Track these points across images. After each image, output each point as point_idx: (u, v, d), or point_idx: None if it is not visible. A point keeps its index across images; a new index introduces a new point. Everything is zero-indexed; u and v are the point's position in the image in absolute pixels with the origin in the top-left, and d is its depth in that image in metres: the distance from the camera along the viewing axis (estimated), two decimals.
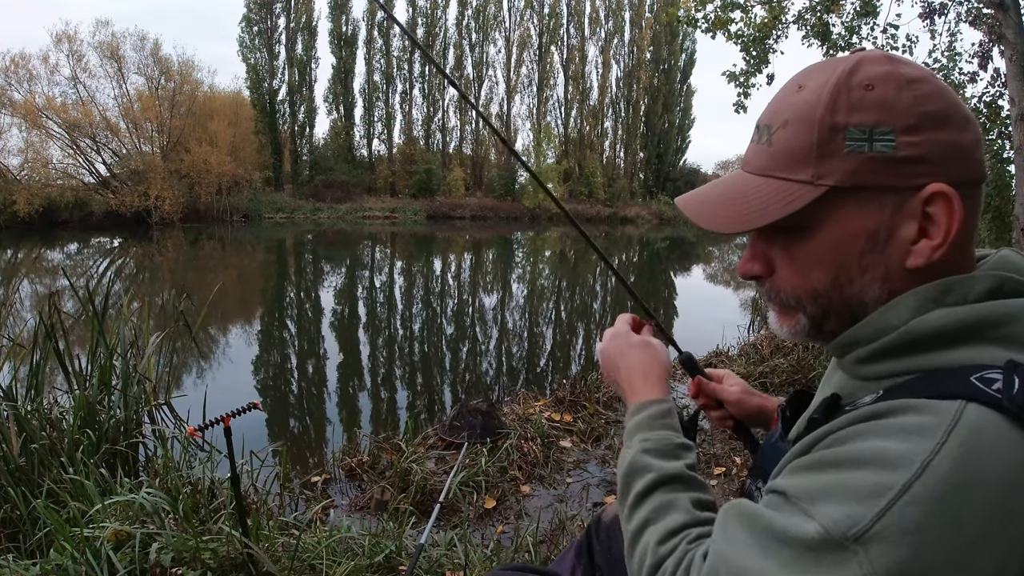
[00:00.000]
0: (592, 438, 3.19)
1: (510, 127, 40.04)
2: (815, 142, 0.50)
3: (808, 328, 0.58)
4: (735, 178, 0.58)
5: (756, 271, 0.58)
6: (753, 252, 0.59)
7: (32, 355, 2.65)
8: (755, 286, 0.62)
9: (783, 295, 0.57)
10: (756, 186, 0.55)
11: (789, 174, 0.52)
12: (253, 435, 3.24)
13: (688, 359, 1.01)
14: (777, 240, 0.56)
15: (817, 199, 0.51)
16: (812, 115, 0.51)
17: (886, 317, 0.51)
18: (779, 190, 0.53)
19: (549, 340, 7.33)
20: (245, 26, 33.88)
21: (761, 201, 0.54)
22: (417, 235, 25.45)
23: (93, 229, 22.60)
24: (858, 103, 0.49)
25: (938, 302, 0.49)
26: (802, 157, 0.51)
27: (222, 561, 1.69)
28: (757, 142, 0.57)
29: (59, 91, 25.38)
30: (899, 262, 0.51)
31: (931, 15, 5.72)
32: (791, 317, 0.59)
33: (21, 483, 2.04)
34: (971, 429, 0.41)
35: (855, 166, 0.49)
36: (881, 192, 0.49)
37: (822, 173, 0.50)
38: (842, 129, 0.49)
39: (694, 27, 6.34)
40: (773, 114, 0.55)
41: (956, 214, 0.48)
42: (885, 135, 0.48)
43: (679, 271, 15.57)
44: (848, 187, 0.50)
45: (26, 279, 11.54)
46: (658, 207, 37.56)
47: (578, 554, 1.03)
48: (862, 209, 0.50)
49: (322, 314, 8.79)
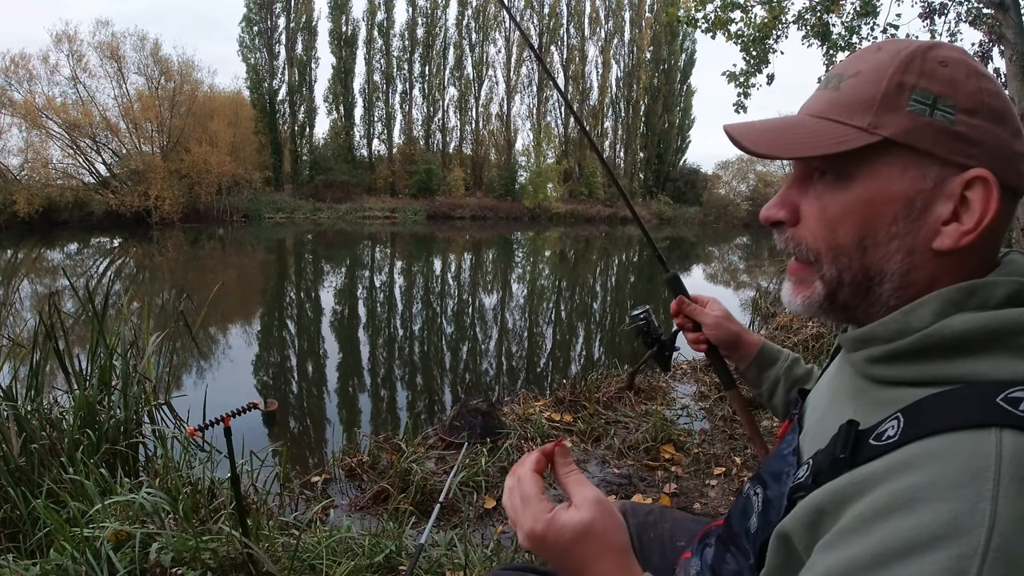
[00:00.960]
0: (592, 438, 3.19)
1: (510, 127, 40.08)
2: (880, 94, 0.51)
3: (822, 299, 0.56)
4: (789, 117, 0.58)
5: (781, 216, 0.57)
6: (783, 198, 0.58)
7: (32, 355, 2.65)
8: (775, 235, 0.60)
9: (803, 247, 0.56)
10: (811, 124, 0.55)
11: (846, 119, 0.52)
12: (253, 435, 3.24)
13: (674, 278, 1.07)
14: (811, 188, 0.56)
15: (867, 147, 0.51)
16: (884, 69, 0.52)
17: (908, 319, 0.50)
18: (833, 130, 0.53)
19: (549, 340, 7.33)
20: (245, 26, 33.92)
21: (812, 136, 0.53)
22: (417, 235, 25.45)
23: (93, 229, 22.60)
24: (930, 72, 0.51)
25: (959, 305, 0.48)
26: (863, 106, 0.52)
27: (222, 561, 1.69)
28: (823, 88, 0.57)
29: (59, 91, 25.41)
30: (926, 239, 0.50)
31: (931, 15, 5.72)
32: (806, 287, 0.57)
33: (21, 483, 2.04)
34: (1017, 461, 0.39)
35: (912, 125, 0.50)
36: (928, 160, 0.50)
37: (879, 124, 0.51)
38: (909, 88, 0.50)
39: (694, 27, 6.35)
40: (848, 66, 0.56)
41: (992, 204, 0.48)
42: (947, 107, 0.49)
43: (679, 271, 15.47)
44: (900, 143, 0.50)
45: (26, 279, 11.54)
46: (658, 207, 37.53)
47: None
48: (905, 172, 0.50)
49: (322, 314, 8.79)
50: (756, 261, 17.84)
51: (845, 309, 0.56)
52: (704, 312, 1.02)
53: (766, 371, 0.99)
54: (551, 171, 36.60)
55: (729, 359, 1.05)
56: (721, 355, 1.05)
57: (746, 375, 1.02)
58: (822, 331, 4.68)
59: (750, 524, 0.62)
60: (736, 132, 0.57)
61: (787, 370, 0.98)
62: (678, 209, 38.12)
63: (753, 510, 0.62)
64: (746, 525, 0.63)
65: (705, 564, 0.73)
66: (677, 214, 37.42)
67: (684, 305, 1.04)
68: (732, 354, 1.03)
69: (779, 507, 0.56)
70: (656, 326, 1.15)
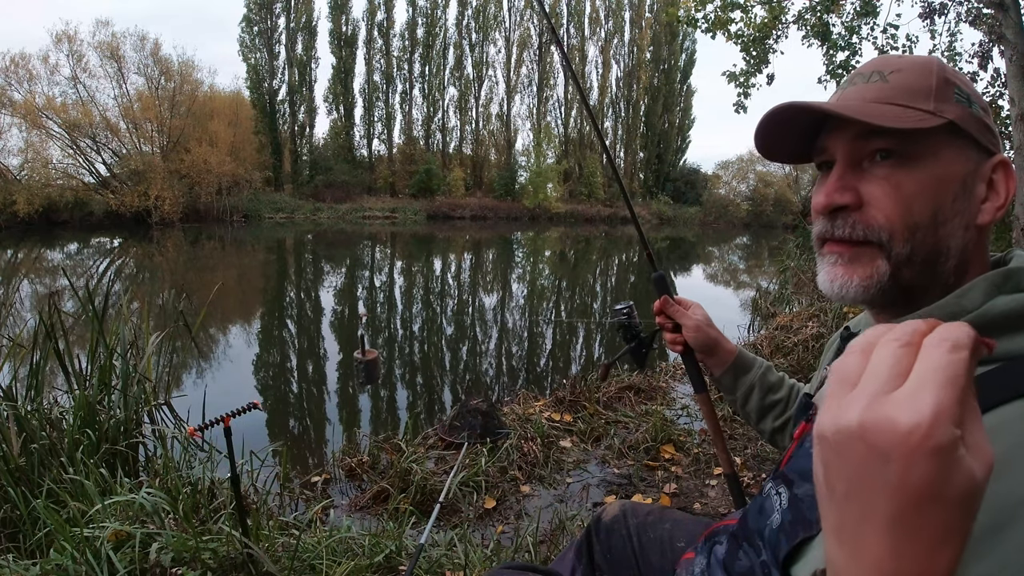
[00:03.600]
0: (592, 438, 3.19)
1: (510, 127, 40.07)
2: (934, 85, 0.56)
3: (886, 277, 0.57)
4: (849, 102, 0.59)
5: (846, 200, 0.58)
6: (843, 183, 0.58)
7: (32, 355, 2.65)
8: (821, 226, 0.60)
9: (874, 228, 0.56)
10: (878, 106, 0.57)
11: (911, 103, 0.56)
12: (253, 435, 3.24)
13: (660, 277, 1.10)
14: (872, 172, 0.57)
15: (934, 129, 0.55)
16: (928, 66, 0.58)
17: (961, 301, 0.53)
18: (905, 111, 0.56)
19: (549, 340, 7.32)
20: (245, 26, 33.93)
21: (892, 113, 0.56)
22: (417, 235, 25.44)
23: (93, 229, 22.59)
24: (955, 75, 0.58)
25: (1000, 288, 0.52)
26: (923, 93, 0.56)
27: (222, 561, 1.69)
28: (865, 82, 0.59)
29: (59, 91, 25.41)
30: (974, 216, 0.56)
31: (931, 15, 5.72)
32: (866, 265, 0.57)
33: (21, 483, 2.04)
34: None
35: (963, 114, 0.56)
36: (972, 145, 0.57)
37: (941, 109, 0.56)
38: (952, 84, 0.57)
39: (694, 27, 6.35)
40: (882, 65, 0.60)
41: (1012, 184, 0.56)
42: (975, 103, 0.58)
43: (679, 271, 15.56)
44: (959, 127, 0.56)
45: (26, 279, 11.53)
46: (658, 207, 37.54)
47: (578, 554, 1.03)
48: (960, 155, 0.56)
49: (322, 314, 8.79)
50: (756, 261, 17.84)
51: (906, 289, 0.58)
52: (686, 314, 1.04)
53: (742, 377, 1.02)
54: (551, 171, 36.61)
55: (706, 364, 1.07)
56: (696, 358, 1.08)
57: (722, 381, 1.04)
58: (822, 331, 4.68)
59: (770, 522, 0.63)
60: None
61: (761, 376, 1.01)
62: (678, 209, 38.13)
63: (774, 508, 0.63)
64: (763, 523, 0.64)
65: (716, 560, 0.74)
66: (677, 214, 37.43)
67: (667, 305, 1.06)
68: (708, 359, 1.05)
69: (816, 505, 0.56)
70: (637, 322, 1.17)
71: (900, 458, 0.29)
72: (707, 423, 1.13)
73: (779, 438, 0.99)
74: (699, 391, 1.12)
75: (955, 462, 0.29)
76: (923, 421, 0.29)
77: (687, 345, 1.05)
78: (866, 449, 0.31)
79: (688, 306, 1.06)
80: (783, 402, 0.99)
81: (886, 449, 0.30)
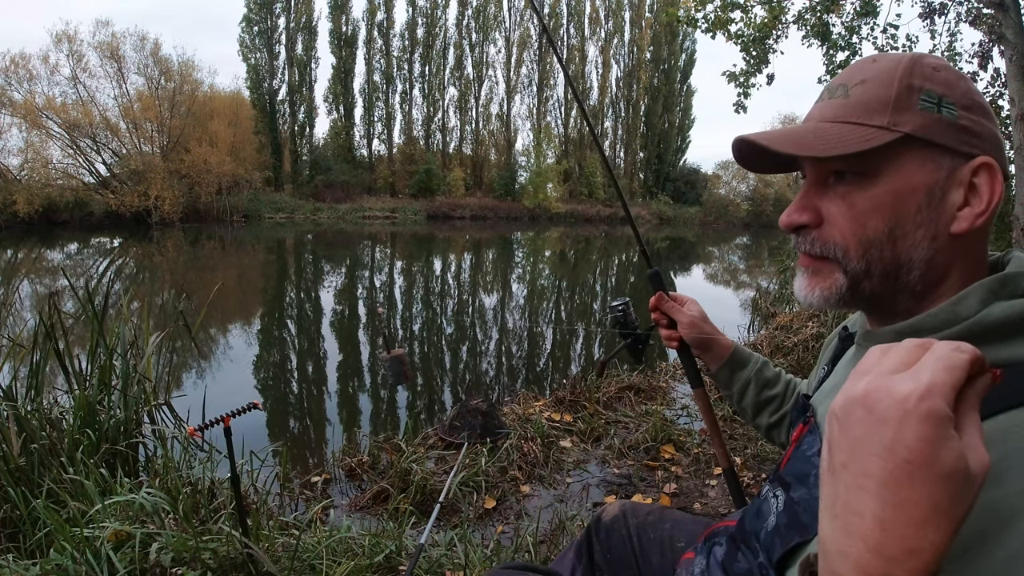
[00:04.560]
0: (592, 438, 3.19)
1: (510, 127, 40.07)
2: (893, 96, 0.55)
3: (844, 289, 0.58)
4: (804, 124, 0.60)
5: (804, 220, 0.59)
6: (804, 202, 0.60)
7: (32, 355, 2.65)
8: (793, 240, 0.62)
9: (830, 245, 0.58)
10: (830, 128, 0.57)
11: (865, 120, 0.56)
12: (253, 435, 3.24)
13: (655, 274, 1.11)
14: (833, 189, 0.58)
15: (888, 144, 0.54)
16: (891, 75, 0.56)
17: (956, 308, 0.53)
18: (855, 131, 0.55)
19: (549, 340, 7.32)
20: (245, 26, 33.95)
21: (836, 137, 0.56)
22: (417, 235, 25.44)
23: (93, 229, 22.59)
24: (929, 76, 0.56)
25: (996, 294, 0.52)
26: (879, 107, 0.55)
27: (222, 561, 1.69)
28: (830, 98, 0.60)
29: (59, 91, 25.41)
30: (945, 225, 0.55)
31: (931, 15, 5.72)
32: (826, 278, 0.59)
33: (21, 483, 2.03)
34: None
35: (926, 122, 0.54)
36: (940, 152, 0.54)
37: (897, 121, 0.55)
38: (917, 90, 0.55)
39: (694, 27, 6.35)
40: (850, 76, 0.59)
41: (998, 187, 0.53)
42: (950, 104, 0.55)
43: (679, 271, 15.56)
44: (918, 138, 0.54)
45: (26, 279, 11.53)
46: (658, 207, 37.54)
47: (578, 554, 1.03)
48: (924, 165, 0.55)
49: (322, 314, 8.79)
50: (756, 261, 17.84)
51: (868, 299, 0.59)
52: (681, 311, 1.05)
53: (738, 372, 1.02)
54: (551, 171, 36.61)
55: (702, 360, 1.08)
56: (692, 354, 1.08)
57: (718, 376, 1.05)
58: (822, 331, 4.68)
59: (766, 524, 0.63)
60: (758, 136, 0.59)
61: (758, 372, 1.01)
62: (678, 209, 38.13)
63: (771, 511, 0.63)
64: (760, 526, 0.64)
65: (715, 562, 0.74)
66: (677, 214, 37.43)
67: (663, 301, 1.07)
68: (704, 355, 1.06)
69: (812, 509, 0.56)
70: (633, 319, 1.18)
71: (894, 419, 0.33)
72: (704, 419, 1.13)
73: (775, 434, 0.99)
74: (696, 387, 1.12)
75: (946, 436, 0.32)
76: (918, 388, 0.33)
77: (683, 341, 1.06)
78: (865, 413, 0.34)
79: (683, 302, 1.06)
80: (779, 397, 0.99)
81: (883, 412, 0.34)
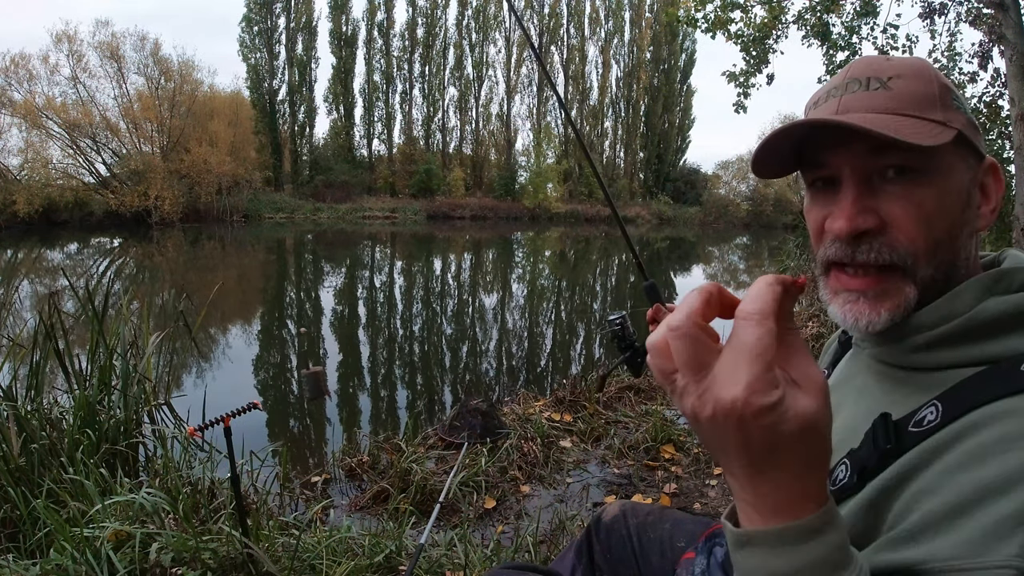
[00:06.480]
0: (592, 438, 3.19)
1: (510, 127, 40.08)
2: (937, 92, 0.54)
3: (913, 303, 0.53)
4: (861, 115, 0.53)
5: (870, 224, 0.52)
6: (862, 205, 0.53)
7: (32, 355, 2.65)
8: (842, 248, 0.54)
9: (898, 251, 0.52)
10: (891, 119, 0.51)
11: (922, 113, 0.53)
12: (253, 435, 3.24)
13: (651, 286, 1.12)
14: (891, 187, 0.52)
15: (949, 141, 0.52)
16: (925, 71, 0.55)
17: (952, 304, 0.52)
18: (918, 124, 0.51)
19: (549, 340, 7.32)
20: (245, 26, 33.96)
21: (912, 129, 0.51)
22: (417, 235, 25.44)
23: (93, 229, 22.59)
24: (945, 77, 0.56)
25: (991, 290, 0.51)
26: (929, 102, 0.53)
27: (222, 561, 1.69)
28: (866, 89, 0.54)
29: (59, 91, 25.42)
30: (975, 223, 0.55)
31: (931, 15, 5.72)
32: (894, 297, 0.53)
33: (21, 483, 2.03)
34: None
35: (966, 120, 0.54)
36: (970, 152, 0.54)
37: (949, 119, 0.53)
38: (950, 90, 0.54)
39: (694, 27, 6.34)
40: (874, 70, 0.55)
41: (1001, 185, 0.55)
42: (966, 106, 0.55)
43: (679, 271, 15.57)
44: (965, 136, 0.53)
45: (26, 279, 11.53)
46: (658, 207, 37.54)
47: (578, 554, 1.03)
48: (963, 163, 0.54)
49: (322, 314, 8.79)
50: (756, 261, 17.84)
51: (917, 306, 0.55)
52: None
53: None
54: (551, 171, 36.61)
55: None
56: None
57: None
58: (822, 331, 4.68)
59: None
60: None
61: None
62: (678, 209, 38.12)
63: None
64: None
65: (715, 562, 0.74)
66: (677, 214, 37.43)
67: (660, 313, 1.06)
68: None
69: None
70: (631, 331, 1.21)
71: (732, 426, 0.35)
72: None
73: None
74: None
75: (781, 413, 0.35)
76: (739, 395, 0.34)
77: None
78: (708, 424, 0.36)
79: None
80: None
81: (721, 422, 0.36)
